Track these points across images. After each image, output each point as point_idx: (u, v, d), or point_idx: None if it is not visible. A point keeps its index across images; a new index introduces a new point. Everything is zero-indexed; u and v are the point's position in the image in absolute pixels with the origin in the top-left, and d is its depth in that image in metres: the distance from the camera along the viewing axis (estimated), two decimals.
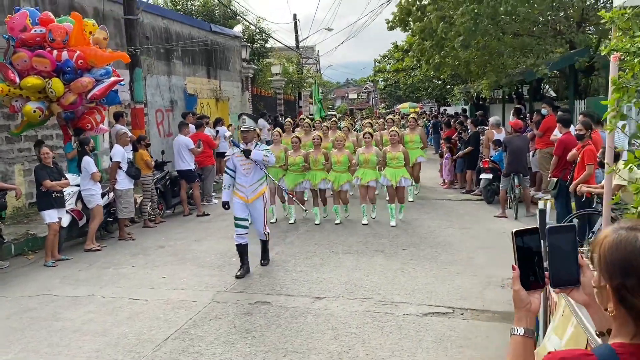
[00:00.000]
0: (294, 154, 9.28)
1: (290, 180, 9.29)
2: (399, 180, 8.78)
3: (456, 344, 4.52)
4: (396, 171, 8.84)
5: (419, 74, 22.65)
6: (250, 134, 6.65)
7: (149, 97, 14.01)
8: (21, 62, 8.13)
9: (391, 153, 8.89)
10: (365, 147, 9.16)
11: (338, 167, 9.14)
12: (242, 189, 6.58)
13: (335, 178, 9.16)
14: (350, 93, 74.79)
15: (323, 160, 9.15)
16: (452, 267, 6.62)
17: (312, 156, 9.22)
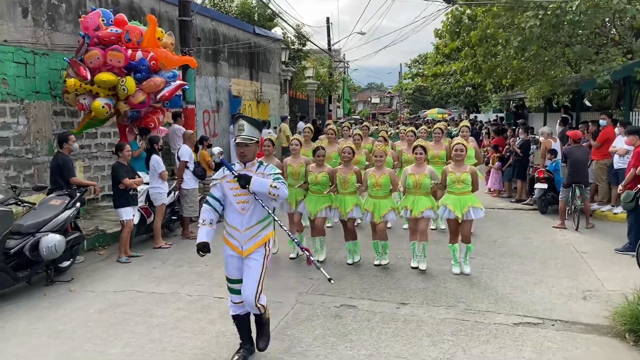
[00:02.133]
0: (316, 170, 7.12)
1: (312, 204, 7.14)
2: (466, 212, 6.60)
3: (559, 355, 4.52)
4: (461, 198, 6.67)
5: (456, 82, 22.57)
6: (251, 149, 4.23)
7: (197, 98, 14.17)
8: (94, 60, 8.31)
9: (454, 174, 6.69)
10: (415, 165, 6.97)
11: (377, 191, 6.92)
12: (234, 234, 4.25)
13: (374, 206, 6.92)
14: (372, 97, 74.80)
15: (354, 180, 6.98)
16: (527, 277, 6.61)
17: (340, 174, 7.01)
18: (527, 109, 20.55)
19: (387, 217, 6.96)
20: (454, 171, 6.71)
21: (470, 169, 6.73)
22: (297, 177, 7.32)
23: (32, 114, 9.12)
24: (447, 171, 6.78)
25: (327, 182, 7.05)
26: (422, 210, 6.75)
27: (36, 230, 6.15)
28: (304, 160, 7.40)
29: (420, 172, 6.81)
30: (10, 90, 8.67)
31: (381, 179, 6.86)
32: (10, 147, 8.72)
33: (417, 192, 6.82)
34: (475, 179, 6.74)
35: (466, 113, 36.95)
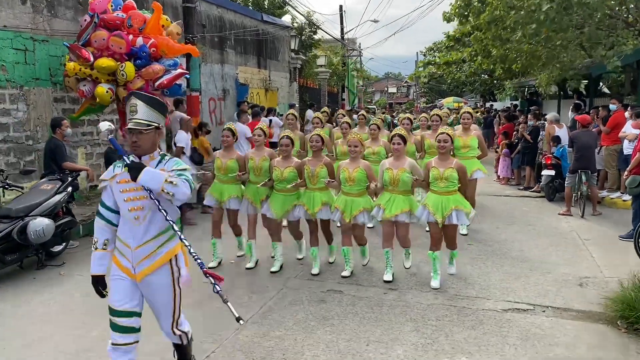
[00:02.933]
0: (281, 164, 6.09)
1: (278, 205, 6.08)
2: (447, 215, 5.56)
3: (544, 342, 4.37)
4: (444, 199, 5.62)
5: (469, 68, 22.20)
6: (148, 137, 3.24)
7: (202, 86, 14.13)
8: (99, 40, 8.29)
9: (437, 170, 5.62)
10: (393, 158, 5.85)
11: (350, 186, 5.89)
12: (125, 252, 3.30)
13: (345, 204, 5.88)
14: (390, 87, 74.18)
15: (324, 174, 5.98)
16: (524, 264, 6.43)
17: (307, 168, 6.02)
18: (541, 96, 20.11)
19: (358, 218, 5.84)
20: (437, 166, 5.63)
21: (456, 165, 5.60)
22: (259, 173, 6.32)
23: (32, 100, 9.14)
24: (430, 166, 5.72)
25: (295, 178, 6.02)
26: (397, 213, 5.65)
27: (25, 214, 6.15)
28: (267, 153, 6.38)
29: (398, 166, 5.69)
30: (10, 76, 8.70)
31: (355, 172, 5.78)
32: (10, 133, 8.76)
33: (394, 189, 5.72)
34: (462, 175, 5.64)
35: (482, 101, 36.43)
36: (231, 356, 4.18)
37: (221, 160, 6.42)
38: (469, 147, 7.69)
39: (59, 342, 4.47)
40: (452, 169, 5.57)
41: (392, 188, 5.74)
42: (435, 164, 5.68)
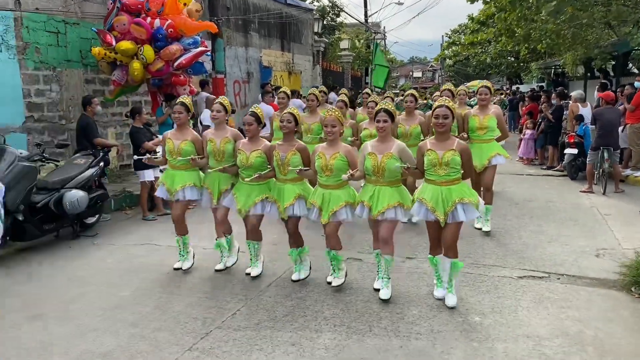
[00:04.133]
0: (247, 147, 5.06)
1: (242, 196, 5.10)
2: (450, 211, 4.38)
3: (557, 305, 4.50)
4: (444, 190, 4.42)
5: (494, 49, 21.99)
6: None
7: (227, 68, 14.36)
8: (120, 25, 8.59)
9: (433, 153, 4.40)
10: (377, 140, 4.70)
11: (327, 177, 4.76)
12: None
13: (323, 199, 4.78)
14: (415, 71, 73.51)
15: (297, 161, 4.87)
16: (542, 236, 6.53)
17: (277, 154, 4.95)
18: (568, 77, 19.83)
19: (339, 215, 4.71)
20: (434, 149, 4.38)
21: (458, 146, 4.37)
22: (220, 158, 5.25)
23: (65, 81, 9.51)
24: (424, 149, 4.45)
25: (264, 164, 5.00)
26: (384, 209, 4.49)
27: (61, 186, 6.49)
28: (231, 134, 5.29)
29: (383, 150, 4.52)
30: (43, 58, 9.06)
31: (333, 159, 4.64)
32: (44, 113, 9.14)
33: (379, 180, 4.56)
34: (466, 159, 4.41)
35: (508, 84, 35.96)
36: (255, 314, 4.42)
37: (173, 142, 5.39)
38: (487, 129, 6.49)
39: (93, 300, 4.78)
40: (454, 151, 4.32)
41: (376, 178, 4.56)
42: (432, 146, 4.40)
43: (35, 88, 8.96)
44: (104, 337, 4.07)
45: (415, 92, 7.31)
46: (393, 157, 4.48)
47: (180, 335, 4.06)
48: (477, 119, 6.58)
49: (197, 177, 5.45)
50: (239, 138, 5.29)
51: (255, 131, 5.07)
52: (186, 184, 5.36)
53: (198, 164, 5.42)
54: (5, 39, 8.41)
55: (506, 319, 4.25)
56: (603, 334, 3.97)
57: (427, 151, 4.44)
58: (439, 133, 4.41)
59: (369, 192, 4.62)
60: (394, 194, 4.57)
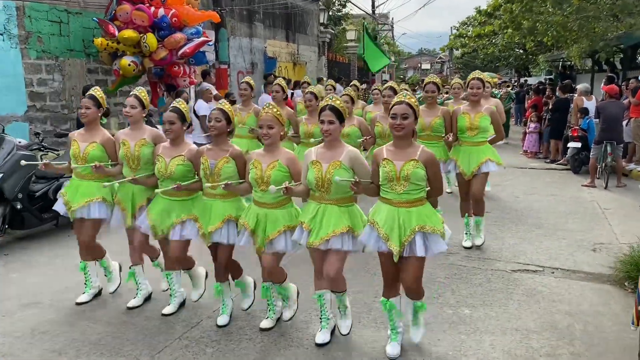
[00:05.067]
0: (168, 153, 4.04)
1: (157, 214, 4.09)
2: (408, 241, 3.38)
3: (548, 299, 4.50)
4: (401, 213, 3.40)
5: (501, 41, 21.81)
6: None
7: (231, 59, 14.38)
8: (123, 14, 8.62)
9: (389, 164, 3.41)
10: (324, 146, 3.68)
11: (262, 193, 3.74)
12: None
13: (257, 221, 3.77)
14: (423, 63, 73.13)
15: (231, 171, 3.87)
16: (539, 230, 6.51)
17: (204, 161, 3.91)
18: (575, 70, 19.66)
19: (276, 244, 3.70)
20: (390, 158, 3.40)
21: (423, 155, 3.36)
22: (135, 165, 4.19)
23: (67, 71, 9.55)
24: (380, 157, 3.45)
25: (188, 175, 4.01)
26: (328, 236, 3.48)
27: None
28: (150, 135, 4.24)
29: (331, 157, 3.52)
30: (45, 47, 9.11)
31: (270, 169, 3.65)
32: (47, 102, 9.20)
33: (324, 196, 3.55)
34: (434, 172, 3.42)
35: (517, 77, 35.69)
36: None
37: (78, 145, 4.30)
38: (478, 129, 5.48)
39: None
40: (415, 162, 3.33)
41: (320, 194, 3.56)
42: (389, 154, 3.43)
43: (37, 77, 9.01)
44: (96, 325, 4.11)
45: (437, 79, 5.97)
46: (342, 168, 3.47)
47: (171, 324, 4.10)
48: (467, 118, 5.53)
49: (107, 189, 4.31)
50: (160, 140, 4.19)
51: (179, 132, 4.00)
52: (93, 199, 4.28)
53: (106, 172, 4.27)
54: (8, 28, 8.46)
55: (496, 312, 4.25)
56: (592, 328, 3.96)
57: (382, 161, 3.42)
58: (398, 137, 3.39)
59: (311, 211, 3.59)
60: (342, 216, 3.52)
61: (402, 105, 3.36)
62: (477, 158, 5.52)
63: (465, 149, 5.62)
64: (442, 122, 5.76)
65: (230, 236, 3.89)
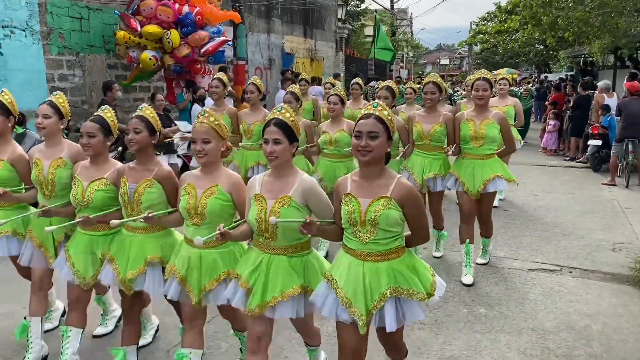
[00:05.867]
0: (86, 174, 3.19)
1: (79, 255, 3.22)
2: (376, 310, 2.50)
3: (565, 299, 4.45)
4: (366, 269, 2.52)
5: (521, 37, 21.54)
6: None
7: (249, 55, 14.42)
8: (147, 9, 8.71)
9: (352, 202, 2.53)
10: (270, 175, 2.76)
11: (195, 227, 2.86)
12: None
13: (189, 265, 2.89)
14: (442, 59, 72.57)
15: (155, 197, 3.02)
16: (557, 229, 6.44)
17: (124, 184, 3.06)
18: (596, 66, 19.33)
19: (214, 297, 2.90)
20: (354, 193, 2.56)
21: (399, 189, 2.50)
22: (49, 191, 3.35)
23: (87, 66, 9.67)
24: (343, 190, 2.61)
25: (111, 202, 3.15)
26: (273, 300, 2.63)
27: None
28: (68, 152, 3.39)
29: (280, 190, 2.68)
30: (66, 43, 9.22)
31: (207, 197, 2.81)
32: (68, 97, 9.27)
33: (268, 243, 2.70)
34: (416, 211, 2.53)
35: (537, 73, 35.23)
36: None
37: None
38: (483, 139, 4.60)
39: None
40: (387, 200, 2.47)
41: (264, 240, 2.69)
42: (354, 188, 2.57)
43: (58, 73, 9.14)
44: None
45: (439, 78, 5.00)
46: (292, 205, 2.60)
47: None
48: (471, 125, 4.63)
49: (18, 221, 3.43)
50: (80, 158, 3.31)
51: (100, 147, 3.15)
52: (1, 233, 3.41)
53: (15, 200, 3.40)
54: (30, 25, 8.58)
55: (512, 311, 4.22)
56: (610, 330, 3.92)
57: (345, 196, 2.56)
58: (364, 164, 2.52)
59: (252, 262, 2.71)
60: (293, 272, 2.65)
61: (369, 121, 2.48)
62: (482, 174, 4.63)
63: (469, 163, 4.70)
64: (443, 130, 4.85)
65: (156, 284, 3.05)
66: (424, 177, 4.97)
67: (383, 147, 2.50)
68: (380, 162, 2.55)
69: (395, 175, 2.56)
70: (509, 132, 4.75)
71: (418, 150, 5.06)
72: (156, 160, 3.12)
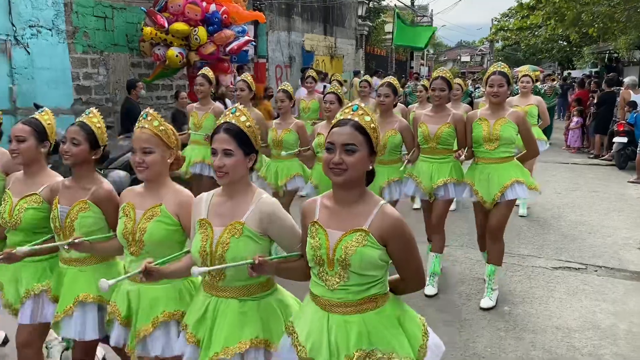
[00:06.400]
0: (17, 189, 2.71)
1: (9, 287, 2.71)
2: None
3: (591, 297, 4.40)
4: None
5: (544, 33, 21.21)
6: None
7: (269, 53, 14.47)
8: (175, 6, 8.81)
9: (320, 235, 1.95)
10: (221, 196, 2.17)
11: (134, 258, 2.32)
12: None
13: (129, 305, 2.37)
14: (462, 55, 71.85)
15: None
16: (582, 227, 6.35)
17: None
18: (622, 62, 18.97)
19: (151, 346, 2.30)
20: (322, 223, 1.96)
21: (383, 219, 1.89)
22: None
23: (111, 65, 9.81)
24: (309, 218, 2.02)
25: (45, 225, 2.64)
26: (217, 357, 2.04)
27: (105, 166, 6.74)
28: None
29: (231, 215, 2.11)
30: (91, 42, 9.37)
31: (148, 220, 2.31)
32: (92, 95, 9.47)
33: (215, 284, 2.15)
34: (406, 254, 1.94)
35: (560, 69, 34.72)
36: None
37: None
38: (498, 141, 4.02)
39: None
40: (364, 235, 1.88)
41: (211, 280, 2.17)
42: (323, 214, 2.00)
43: (83, 71, 9.28)
44: None
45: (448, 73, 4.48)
46: (245, 234, 2.05)
47: None
48: (484, 126, 4.06)
49: None
50: (12, 169, 2.86)
51: (31, 154, 2.65)
52: None
53: None
54: (56, 24, 8.74)
55: (536, 309, 4.18)
56: (637, 329, 3.86)
57: (311, 225, 1.99)
58: (337, 185, 1.93)
59: (198, 308, 2.18)
60: (244, 320, 2.10)
61: (345, 129, 1.87)
62: (499, 179, 4.02)
63: (483, 168, 4.12)
64: (451, 132, 4.28)
65: (88, 330, 2.48)
66: (433, 185, 4.31)
67: (363, 164, 1.87)
68: (359, 184, 1.92)
69: (378, 201, 1.92)
70: (529, 133, 4.15)
71: (424, 155, 4.42)
72: (96, 177, 2.57)
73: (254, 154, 2.13)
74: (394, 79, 4.60)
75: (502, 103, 4.11)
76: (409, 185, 4.49)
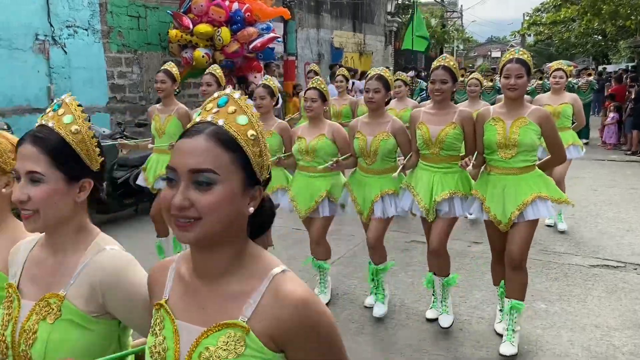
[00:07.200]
0: None
1: None
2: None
3: (631, 296, 4.30)
4: None
5: (578, 27, 20.78)
6: None
7: (298, 50, 14.53)
8: (198, 7, 8.94)
9: None
10: None
11: None
12: None
13: None
14: (493, 51, 70.69)
15: None
16: (620, 225, 6.21)
17: None
18: None
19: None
20: None
21: None
22: None
23: (145, 64, 10.00)
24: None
25: None
26: None
27: (140, 163, 6.84)
28: None
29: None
30: (125, 41, 9.57)
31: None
32: (126, 94, 9.67)
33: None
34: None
35: (594, 64, 33.90)
36: None
37: None
38: (516, 148, 3.24)
39: None
40: (232, 336, 1.06)
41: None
42: (174, 300, 1.17)
43: (118, 70, 9.48)
44: None
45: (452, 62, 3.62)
46: (65, 317, 1.34)
47: None
48: (499, 127, 3.29)
49: None
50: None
51: None
52: None
53: None
54: (92, 24, 8.95)
55: (574, 307, 4.11)
56: None
57: (156, 311, 1.20)
58: (193, 247, 1.12)
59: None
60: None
61: (197, 141, 1.05)
62: (516, 195, 3.25)
63: (496, 180, 3.35)
64: (458, 134, 3.51)
65: None
66: (434, 200, 3.51)
67: (231, 206, 1.00)
68: (233, 239, 1.06)
69: (269, 268, 1.09)
70: (555, 134, 3.32)
71: (424, 163, 3.64)
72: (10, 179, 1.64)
73: (88, 178, 1.38)
74: (385, 71, 3.80)
75: (521, 98, 3.29)
76: (406, 198, 3.71)
